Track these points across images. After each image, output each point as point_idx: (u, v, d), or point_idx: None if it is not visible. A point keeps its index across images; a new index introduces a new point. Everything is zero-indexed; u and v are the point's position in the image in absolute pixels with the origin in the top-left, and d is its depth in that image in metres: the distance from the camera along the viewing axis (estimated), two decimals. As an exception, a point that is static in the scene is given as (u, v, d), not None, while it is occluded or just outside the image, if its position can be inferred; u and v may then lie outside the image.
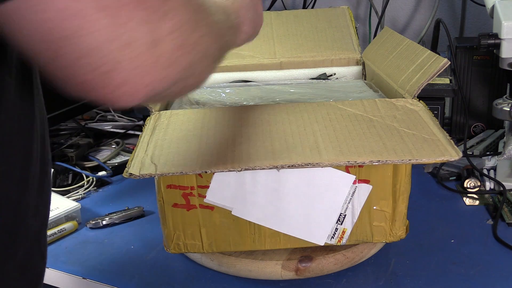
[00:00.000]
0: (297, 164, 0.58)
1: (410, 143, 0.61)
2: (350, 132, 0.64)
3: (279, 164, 0.59)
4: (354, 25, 1.07)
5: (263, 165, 0.58)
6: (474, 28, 1.31)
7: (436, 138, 0.62)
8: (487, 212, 0.87)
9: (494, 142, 1.08)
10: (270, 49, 1.03)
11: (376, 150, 0.60)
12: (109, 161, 1.13)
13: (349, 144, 0.61)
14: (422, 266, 0.73)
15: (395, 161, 0.59)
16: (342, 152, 0.60)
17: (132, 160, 0.61)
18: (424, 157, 0.59)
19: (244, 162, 0.59)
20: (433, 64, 0.73)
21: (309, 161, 0.59)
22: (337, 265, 0.71)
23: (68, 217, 0.89)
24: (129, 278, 0.75)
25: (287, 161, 0.59)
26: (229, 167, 0.58)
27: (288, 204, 0.68)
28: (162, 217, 0.70)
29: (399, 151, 0.60)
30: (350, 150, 0.60)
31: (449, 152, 0.59)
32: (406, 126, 0.65)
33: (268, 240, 0.71)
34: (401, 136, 0.63)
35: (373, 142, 0.62)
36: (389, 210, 0.70)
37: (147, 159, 0.61)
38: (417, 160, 0.58)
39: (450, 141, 0.61)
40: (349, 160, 0.59)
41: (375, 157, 0.59)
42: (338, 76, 1.01)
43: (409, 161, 0.58)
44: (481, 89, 1.11)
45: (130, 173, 0.58)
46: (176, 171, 0.59)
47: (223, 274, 0.73)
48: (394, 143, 0.61)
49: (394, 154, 0.59)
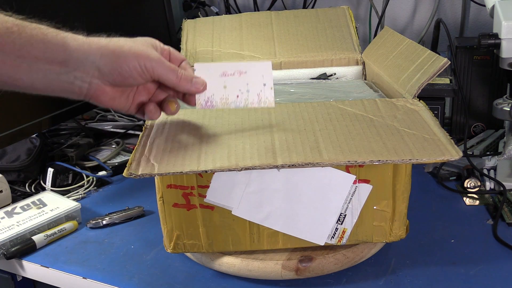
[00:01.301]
0: (298, 164, 0.59)
1: (410, 142, 0.61)
2: (351, 132, 0.64)
3: (279, 164, 0.59)
4: (354, 25, 1.07)
5: (263, 165, 0.59)
6: (474, 28, 1.31)
7: (437, 138, 0.62)
8: (487, 212, 0.87)
9: (494, 142, 1.08)
10: (270, 49, 1.03)
11: (377, 149, 0.60)
12: (109, 161, 1.13)
13: (349, 144, 0.61)
14: (422, 266, 0.73)
15: (396, 161, 0.59)
16: (343, 151, 0.60)
17: (132, 159, 0.61)
18: (425, 157, 0.59)
19: (244, 162, 0.59)
20: (433, 64, 0.73)
21: (309, 160, 0.59)
22: (337, 265, 0.71)
23: (68, 217, 0.89)
24: (129, 278, 0.75)
25: (287, 160, 0.59)
26: (229, 167, 0.58)
27: (288, 204, 0.68)
28: (162, 217, 0.70)
29: (399, 150, 0.60)
30: (350, 149, 0.60)
31: (449, 151, 0.59)
32: (407, 125, 0.65)
33: (268, 240, 0.71)
34: (402, 136, 0.63)
35: (373, 141, 0.62)
36: (389, 210, 0.70)
37: (147, 159, 0.61)
38: (417, 160, 0.58)
39: (450, 140, 0.61)
40: (349, 159, 0.59)
41: (375, 157, 0.59)
42: (338, 76, 1.01)
43: (410, 161, 0.59)
44: (481, 89, 1.11)
45: (130, 172, 0.59)
46: (176, 171, 0.59)
47: (223, 274, 0.73)
48: (394, 143, 0.61)
49: (394, 153, 0.59)
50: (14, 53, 0.54)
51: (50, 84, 0.58)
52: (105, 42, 0.59)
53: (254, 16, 1.11)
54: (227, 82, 0.66)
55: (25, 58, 0.55)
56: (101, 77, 0.59)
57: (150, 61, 0.60)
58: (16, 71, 0.55)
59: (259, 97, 0.66)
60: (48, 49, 0.56)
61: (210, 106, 0.66)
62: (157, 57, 0.61)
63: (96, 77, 0.59)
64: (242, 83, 0.66)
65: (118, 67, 0.59)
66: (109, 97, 0.61)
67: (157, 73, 0.61)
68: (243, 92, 0.66)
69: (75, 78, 0.58)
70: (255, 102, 0.66)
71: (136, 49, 0.60)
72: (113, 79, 0.60)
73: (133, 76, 0.60)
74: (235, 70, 0.66)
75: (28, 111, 0.97)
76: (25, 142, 1.06)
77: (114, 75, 0.59)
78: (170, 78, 0.62)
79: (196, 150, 0.63)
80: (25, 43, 0.54)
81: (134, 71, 0.59)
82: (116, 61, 0.59)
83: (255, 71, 0.66)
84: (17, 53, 0.54)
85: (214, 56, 1.03)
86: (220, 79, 0.66)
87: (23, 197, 0.98)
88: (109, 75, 0.59)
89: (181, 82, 0.63)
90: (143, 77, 0.61)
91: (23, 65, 0.55)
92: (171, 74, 0.62)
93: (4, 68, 0.54)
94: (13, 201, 0.96)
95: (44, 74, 0.57)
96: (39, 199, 0.93)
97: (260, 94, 0.66)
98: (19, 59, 0.54)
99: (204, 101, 0.66)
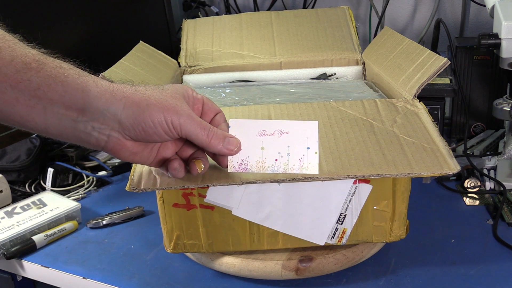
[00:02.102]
0: (298, 178, 0.58)
1: (409, 153, 0.61)
2: (351, 140, 0.64)
3: (280, 178, 0.58)
4: (354, 25, 1.07)
5: (264, 179, 0.58)
6: (474, 28, 1.31)
7: (436, 147, 0.62)
8: (487, 212, 0.87)
9: (494, 142, 1.08)
10: (270, 49, 1.03)
11: (376, 162, 0.60)
12: (109, 161, 1.13)
13: (349, 155, 0.61)
14: (422, 266, 0.73)
15: (394, 175, 0.59)
16: (342, 164, 0.60)
17: (133, 172, 0.61)
18: (423, 171, 0.59)
19: (245, 176, 0.59)
20: (433, 63, 0.73)
21: (309, 175, 0.58)
22: (337, 265, 0.71)
23: (68, 217, 0.89)
24: (129, 278, 0.75)
25: (288, 175, 0.58)
26: (230, 181, 0.59)
27: (288, 204, 0.68)
28: (162, 217, 0.70)
29: (398, 163, 0.60)
30: (350, 162, 0.60)
31: (448, 165, 0.60)
32: (406, 132, 0.65)
33: (268, 240, 0.71)
34: (401, 145, 0.63)
35: (373, 152, 0.62)
36: (389, 210, 0.70)
37: (148, 172, 0.61)
38: (416, 174, 0.59)
39: (449, 151, 0.62)
40: (349, 174, 0.59)
41: (374, 171, 0.59)
42: (338, 76, 1.01)
43: (408, 175, 0.59)
44: (481, 89, 1.11)
45: (133, 187, 0.58)
46: (178, 186, 0.59)
47: (223, 274, 0.73)
48: (393, 154, 0.61)
49: (393, 167, 0.59)
50: (29, 93, 0.49)
51: (65, 131, 0.52)
52: (130, 92, 0.53)
53: (254, 16, 1.11)
54: (265, 143, 0.58)
55: (40, 99, 0.49)
56: (122, 131, 0.52)
57: (178, 117, 0.53)
58: (30, 112, 0.49)
59: (300, 163, 0.58)
60: (67, 93, 0.50)
61: (244, 170, 0.58)
62: (186, 112, 0.54)
63: (116, 131, 0.52)
64: (283, 145, 0.58)
65: (142, 122, 0.52)
66: (129, 152, 0.55)
67: (185, 131, 0.54)
68: (283, 155, 0.58)
69: (92, 129, 0.52)
70: (296, 168, 0.58)
71: (164, 102, 0.53)
72: (135, 135, 0.53)
73: (158, 133, 0.53)
74: (275, 129, 0.59)
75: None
76: (25, 142, 1.06)
77: (136, 130, 0.52)
78: (200, 137, 0.55)
79: None
80: (43, 83, 0.49)
81: (159, 127, 0.52)
82: (141, 115, 0.52)
83: (298, 131, 0.59)
84: (32, 92, 0.49)
85: (214, 56, 1.03)
86: (257, 138, 0.58)
87: (23, 197, 0.98)
88: (131, 130, 0.52)
89: (212, 142, 0.55)
90: (169, 134, 0.53)
91: (38, 106, 0.49)
92: (201, 133, 0.54)
93: (17, 107, 0.49)
94: (13, 201, 0.96)
95: (59, 119, 0.51)
96: (39, 199, 0.93)
97: (303, 159, 0.58)
98: (34, 99, 0.49)
99: (238, 163, 0.58)
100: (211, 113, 0.58)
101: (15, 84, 0.48)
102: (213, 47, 1.05)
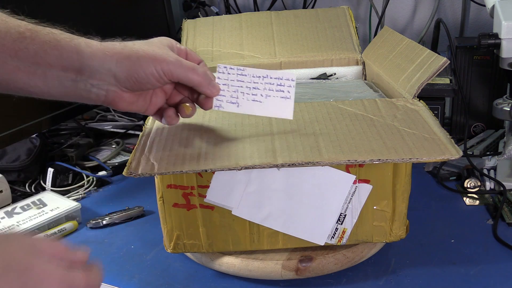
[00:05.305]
0: (297, 163, 0.59)
1: (410, 142, 0.61)
2: (350, 131, 0.64)
3: (279, 163, 0.59)
4: (354, 25, 1.07)
5: (263, 164, 0.59)
6: (474, 28, 1.31)
7: (437, 137, 0.62)
8: (487, 212, 0.87)
9: (494, 142, 1.08)
10: (270, 49, 1.03)
11: (377, 149, 0.60)
12: (109, 161, 1.13)
13: (349, 143, 0.62)
14: (422, 266, 0.73)
15: (396, 160, 0.59)
16: (342, 151, 0.60)
17: (132, 159, 0.61)
18: (425, 156, 0.59)
19: (244, 161, 0.59)
20: (433, 63, 0.73)
21: (309, 160, 0.59)
22: (337, 265, 0.71)
23: (68, 217, 0.89)
24: (129, 278, 0.75)
25: (287, 159, 0.59)
26: (229, 166, 0.59)
27: (288, 204, 0.68)
28: (162, 217, 0.70)
29: (399, 150, 0.60)
30: (350, 149, 0.60)
31: (449, 151, 0.59)
32: (407, 125, 0.65)
33: (268, 240, 0.71)
34: (402, 135, 0.63)
35: (373, 141, 0.62)
36: (389, 210, 0.70)
37: (147, 158, 0.61)
38: (417, 159, 0.58)
39: (450, 140, 0.61)
40: (349, 159, 0.59)
41: (375, 156, 0.59)
42: (338, 76, 1.01)
43: (410, 160, 0.59)
44: (481, 89, 1.11)
45: (130, 171, 0.59)
46: (176, 170, 0.59)
47: (223, 274, 0.73)
48: (394, 142, 0.61)
49: (394, 153, 0.59)
50: (28, 60, 0.53)
51: (67, 91, 0.57)
52: (120, 48, 0.58)
53: (254, 16, 1.11)
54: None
55: (39, 64, 0.53)
56: (118, 84, 0.58)
57: (167, 64, 0.59)
58: (31, 78, 0.54)
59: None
60: (62, 56, 0.54)
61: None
62: (174, 58, 0.60)
63: (113, 84, 0.58)
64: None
65: (134, 74, 0.58)
66: (127, 102, 0.60)
67: (176, 74, 0.59)
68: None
69: (91, 86, 0.57)
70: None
71: (152, 53, 0.58)
72: (131, 85, 0.59)
73: (150, 82, 0.59)
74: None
75: (28, 111, 0.97)
76: (25, 142, 1.06)
77: (131, 81, 0.58)
78: (191, 77, 0.61)
79: (196, 150, 0.63)
80: (39, 49, 0.53)
81: (151, 77, 0.58)
82: (132, 67, 0.57)
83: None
84: (31, 59, 0.53)
85: (214, 56, 1.03)
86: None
87: (23, 197, 0.98)
88: (126, 81, 0.58)
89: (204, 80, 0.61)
90: (161, 81, 0.59)
91: (38, 71, 0.54)
92: (191, 73, 0.60)
93: (19, 75, 0.53)
94: (13, 201, 0.96)
95: (60, 81, 0.55)
96: (39, 199, 0.93)
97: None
98: (33, 65, 0.53)
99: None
100: (195, 62, 0.64)
101: (14, 54, 0.52)
102: (213, 47, 1.05)
